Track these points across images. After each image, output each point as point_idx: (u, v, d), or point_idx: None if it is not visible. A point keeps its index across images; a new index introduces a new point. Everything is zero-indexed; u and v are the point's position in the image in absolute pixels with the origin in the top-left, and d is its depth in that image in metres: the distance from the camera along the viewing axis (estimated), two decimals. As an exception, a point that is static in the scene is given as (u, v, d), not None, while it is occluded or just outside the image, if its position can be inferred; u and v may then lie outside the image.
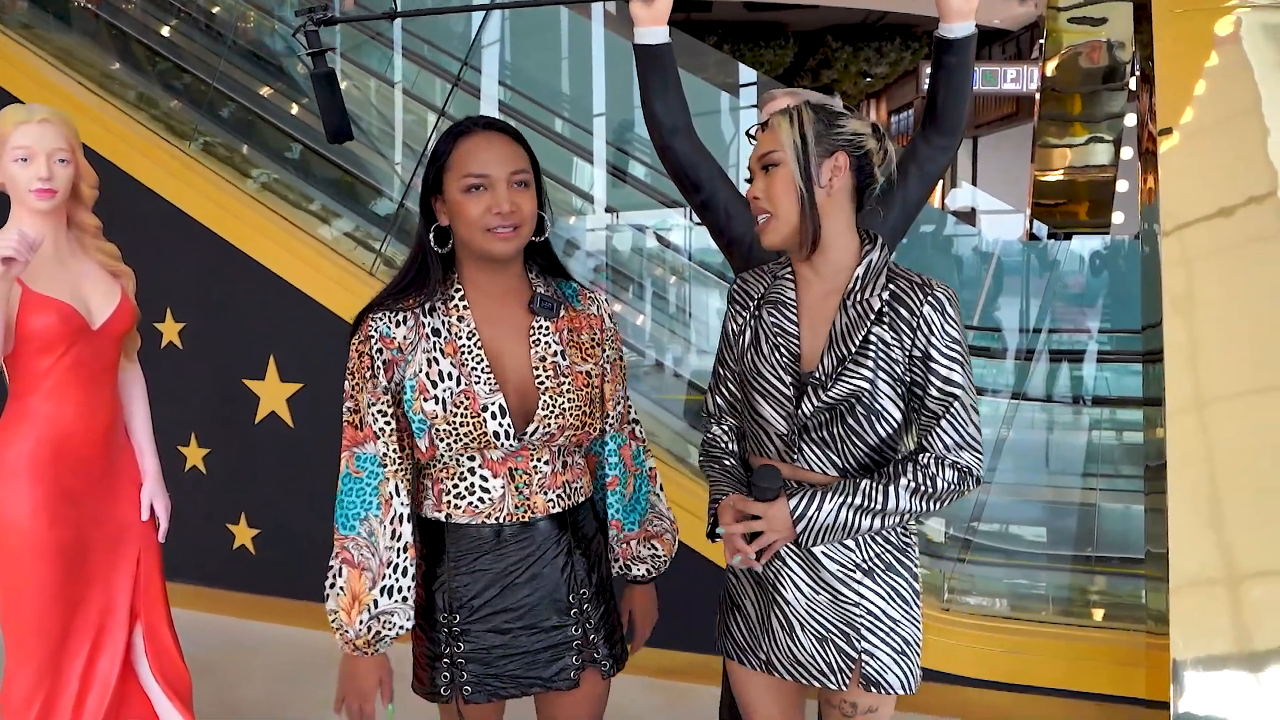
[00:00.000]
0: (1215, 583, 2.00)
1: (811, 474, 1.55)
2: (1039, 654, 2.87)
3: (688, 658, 2.89)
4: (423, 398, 1.51)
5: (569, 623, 1.60)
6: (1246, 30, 2.39)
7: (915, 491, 1.48)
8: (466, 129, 1.53)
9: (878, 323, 1.50)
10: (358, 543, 1.53)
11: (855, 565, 1.54)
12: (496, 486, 1.55)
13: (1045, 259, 5.00)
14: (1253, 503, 2.05)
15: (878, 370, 1.49)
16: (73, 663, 2.07)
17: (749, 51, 13.61)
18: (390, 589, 1.52)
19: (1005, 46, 14.95)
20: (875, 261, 1.53)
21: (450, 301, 1.56)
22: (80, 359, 2.03)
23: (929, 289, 1.50)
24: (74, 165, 2.05)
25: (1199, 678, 1.96)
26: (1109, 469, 4.23)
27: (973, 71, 2.01)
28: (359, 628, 1.51)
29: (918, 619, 1.58)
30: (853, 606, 1.54)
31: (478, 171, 1.50)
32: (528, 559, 1.57)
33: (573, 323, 1.62)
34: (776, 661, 1.60)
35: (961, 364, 1.49)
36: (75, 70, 4.08)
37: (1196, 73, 2.41)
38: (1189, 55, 2.41)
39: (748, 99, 5.18)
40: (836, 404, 1.50)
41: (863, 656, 1.54)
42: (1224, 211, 2.27)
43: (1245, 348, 2.17)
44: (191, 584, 3.49)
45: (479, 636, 1.57)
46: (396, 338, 1.53)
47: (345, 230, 4.01)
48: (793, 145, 1.51)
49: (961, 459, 1.49)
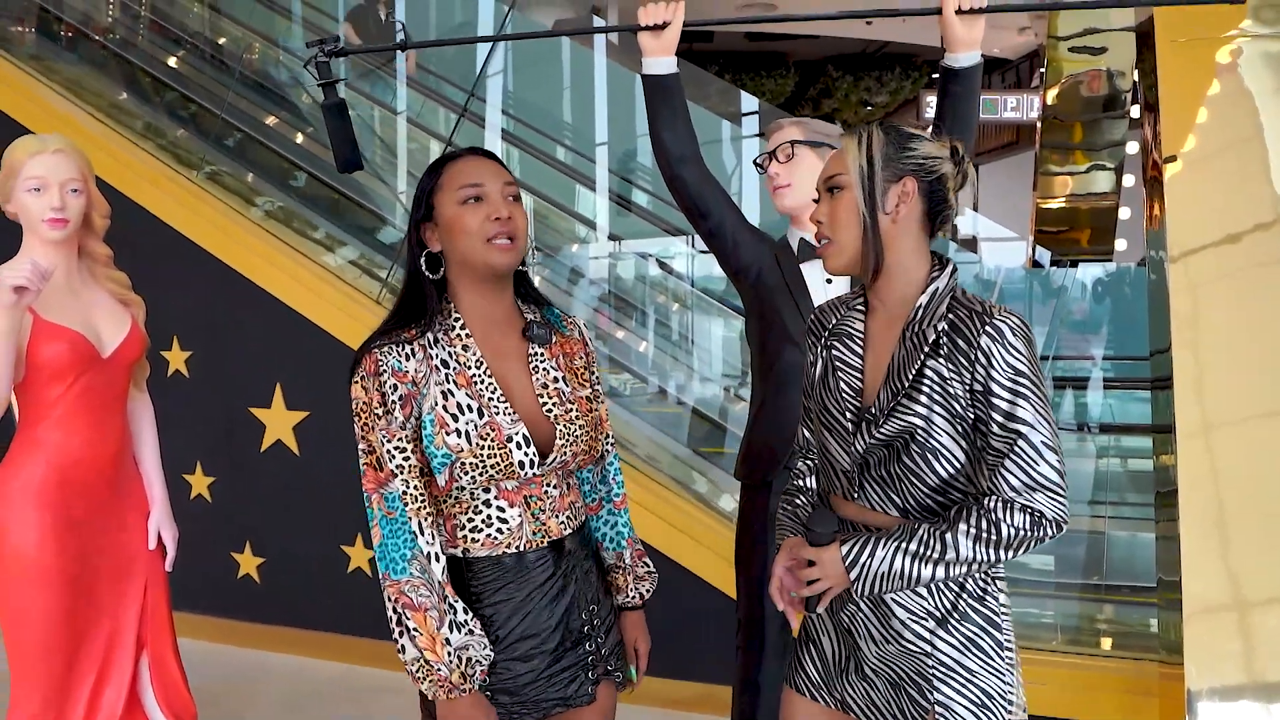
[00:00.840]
0: (1230, 610, 1.99)
1: (875, 514, 1.48)
2: (1049, 683, 2.84)
3: (698, 688, 2.87)
4: (444, 432, 1.48)
5: (584, 639, 1.61)
6: (1248, 59, 2.42)
7: (978, 539, 1.36)
8: (451, 155, 1.57)
9: (933, 355, 1.41)
10: (413, 584, 1.46)
11: (928, 614, 1.46)
12: (514, 515, 1.54)
13: (1048, 286, 5.01)
14: (1266, 528, 2.04)
15: (933, 406, 1.40)
16: (78, 692, 2.05)
17: (750, 81, 13.72)
18: (456, 624, 1.46)
19: (1005, 75, 15.05)
20: (940, 290, 1.45)
21: (451, 331, 1.54)
22: (90, 387, 2.03)
23: (989, 317, 1.38)
24: (86, 195, 2.06)
25: (1214, 708, 1.94)
26: (1115, 496, 4.21)
27: (979, 100, 2.02)
28: (449, 664, 1.44)
29: (1001, 671, 1.46)
30: (924, 657, 1.46)
31: (473, 181, 1.52)
32: (546, 584, 1.56)
33: (565, 349, 1.64)
34: (852, 703, 1.55)
35: (1029, 398, 1.36)
36: (84, 100, 4.11)
37: (1200, 101, 2.43)
38: (1192, 84, 2.43)
39: (750, 128, 5.22)
40: (891, 440, 1.43)
41: (936, 708, 1.45)
42: (1230, 237, 2.28)
43: (1254, 372, 2.17)
44: (196, 613, 3.47)
45: (507, 667, 1.54)
46: (409, 370, 1.49)
47: (350, 258, 4.03)
48: (858, 169, 1.44)
49: (1034, 502, 1.36)
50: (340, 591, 3.52)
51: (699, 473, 3.67)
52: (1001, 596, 1.49)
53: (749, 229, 2.15)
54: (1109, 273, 5.01)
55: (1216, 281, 2.27)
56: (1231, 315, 2.24)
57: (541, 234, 4.93)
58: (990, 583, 1.48)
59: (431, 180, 1.55)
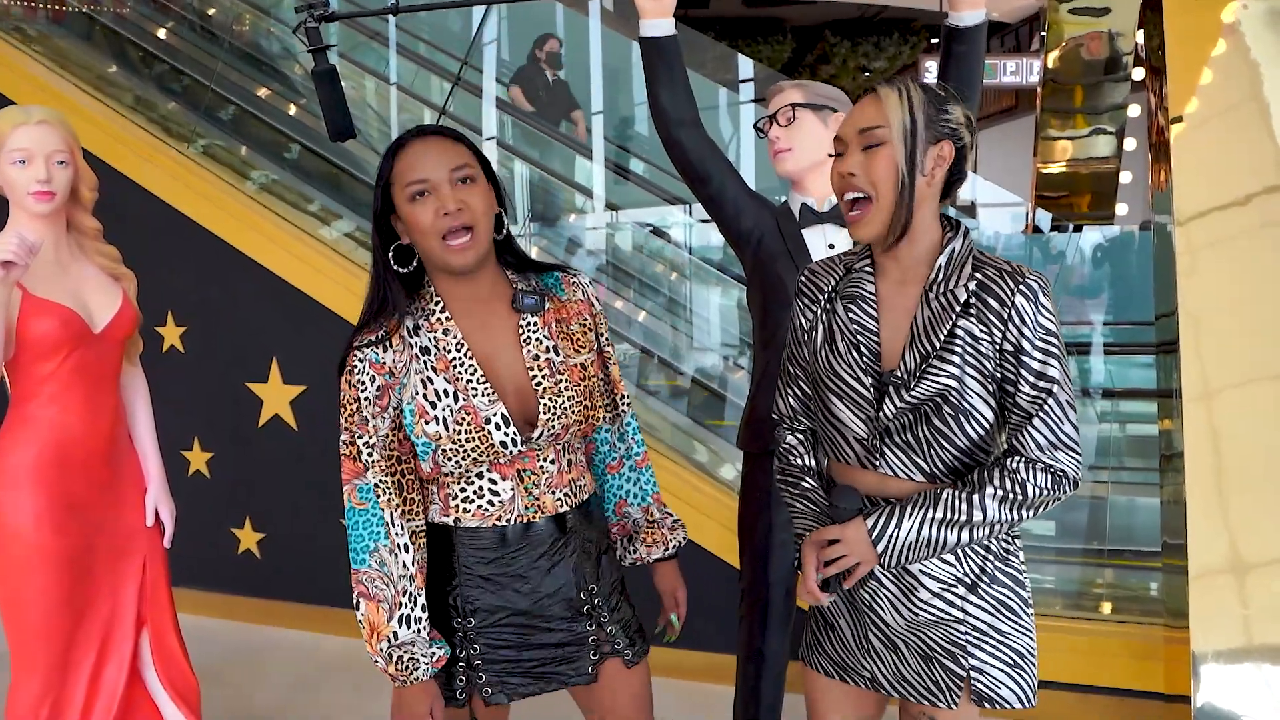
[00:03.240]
0: (1235, 573, 1.98)
1: (895, 480, 1.45)
2: (1051, 649, 2.83)
3: (702, 657, 2.87)
4: (423, 420, 1.48)
5: (582, 619, 1.59)
6: (1254, 18, 2.38)
7: (1004, 500, 1.36)
8: (402, 142, 1.51)
9: (964, 315, 1.38)
10: (370, 575, 1.52)
11: (957, 580, 1.44)
12: (506, 489, 1.53)
13: (1048, 251, 4.98)
14: (1271, 491, 2.03)
15: (964, 367, 1.37)
16: (79, 671, 2.05)
17: (747, 47, 13.58)
18: (406, 618, 1.49)
19: (1004, 39, 14.92)
20: (959, 250, 1.42)
21: (432, 316, 1.52)
22: (82, 364, 2.00)
23: (1021, 276, 1.37)
24: (73, 167, 2.03)
25: (1220, 670, 1.94)
26: (1116, 462, 4.21)
27: (983, 60, 1.98)
28: (385, 655, 1.49)
29: (1029, 629, 1.47)
30: (958, 624, 1.44)
31: (416, 177, 1.46)
32: (539, 558, 1.55)
33: (560, 314, 1.59)
34: (883, 678, 1.52)
35: (1058, 357, 1.37)
36: (71, 73, 4.05)
37: (1206, 62, 2.39)
38: (1199, 44, 2.39)
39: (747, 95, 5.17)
40: (921, 404, 1.39)
41: (971, 673, 1.44)
42: (1236, 200, 2.25)
43: (1260, 335, 2.15)
44: (197, 589, 3.47)
45: (495, 638, 1.56)
46: (386, 363, 1.50)
47: (345, 231, 3.99)
48: (902, 126, 1.38)
49: (1057, 460, 1.36)
50: (342, 566, 3.48)
51: (700, 442, 3.65)
52: (1021, 554, 1.49)
53: (750, 194, 2.12)
54: (1109, 238, 4.97)
55: (1222, 244, 2.24)
56: (1237, 278, 2.22)
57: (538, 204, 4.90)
58: (1012, 542, 1.48)
59: (386, 173, 1.50)
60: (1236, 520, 2.03)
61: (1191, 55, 2.39)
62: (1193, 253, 2.22)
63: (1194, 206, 2.25)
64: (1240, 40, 2.36)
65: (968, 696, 1.45)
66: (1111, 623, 3.00)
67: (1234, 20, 2.37)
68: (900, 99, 1.39)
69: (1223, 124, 2.34)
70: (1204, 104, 2.36)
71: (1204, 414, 2.10)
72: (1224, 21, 2.37)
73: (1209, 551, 2.01)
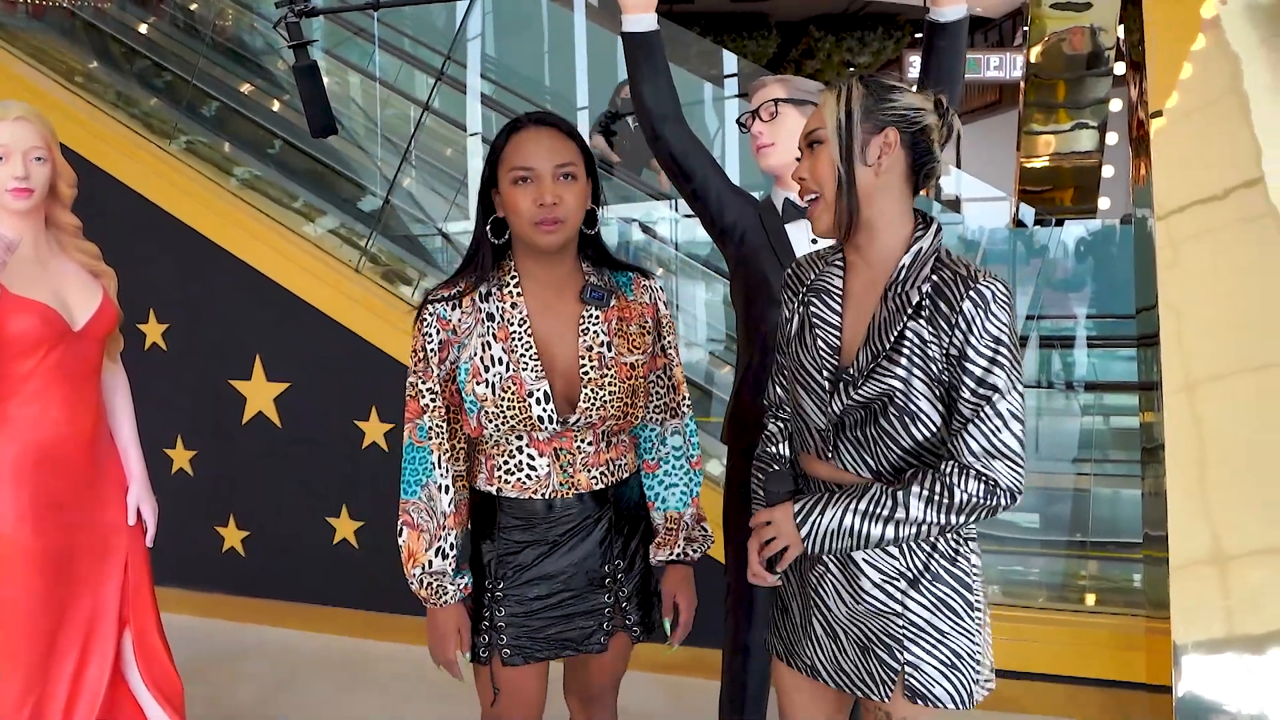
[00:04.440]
0: (1215, 564, 1.99)
1: (848, 475, 1.47)
2: (1035, 640, 2.87)
3: (688, 652, 2.85)
4: (475, 380, 1.59)
5: (603, 591, 1.68)
6: (1233, 13, 2.39)
7: (930, 501, 1.36)
8: (519, 124, 1.61)
9: (915, 318, 1.39)
10: (418, 506, 1.63)
11: (899, 574, 1.45)
12: (543, 465, 1.64)
13: (1031, 245, 5.01)
14: (1251, 483, 2.05)
15: (911, 369, 1.39)
16: (61, 670, 2.03)
17: (731, 42, 13.57)
18: (441, 550, 1.63)
19: (988, 34, 14.96)
20: (924, 249, 1.42)
21: (505, 288, 1.63)
22: (62, 361, 1.99)
23: (973, 282, 1.37)
24: (51, 164, 2.01)
25: (1200, 660, 1.96)
26: (1098, 454, 4.24)
27: (964, 55, 1.99)
28: (420, 579, 1.63)
29: (971, 631, 1.47)
30: (895, 618, 1.45)
31: (522, 165, 1.56)
32: (570, 531, 1.65)
33: (623, 313, 1.68)
34: (820, 667, 1.55)
35: (1004, 366, 1.35)
36: (51, 69, 4.02)
37: (1186, 56, 2.40)
38: (1179, 39, 2.41)
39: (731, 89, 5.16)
40: (870, 402, 1.41)
41: (905, 669, 1.46)
42: (1215, 193, 2.27)
43: (1239, 327, 2.17)
44: (181, 588, 3.45)
45: (519, 602, 1.66)
46: (452, 320, 1.62)
47: (330, 227, 3.98)
48: (835, 121, 1.41)
49: (992, 469, 1.36)
50: (326, 563, 3.51)
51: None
52: (973, 558, 1.49)
53: (733, 189, 2.12)
54: (1092, 231, 5.00)
55: (1202, 237, 2.26)
56: (1217, 271, 2.23)
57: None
58: (962, 543, 1.48)
59: (499, 149, 1.60)
60: (1217, 512, 2.04)
61: (1172, 50, 2.41)
62: (1173, 246, 2.24)
63: (1174, 200, 2.26)
64: (1220, 35, 2.38)
65: (900, 692, 1.46)
66: (1094, 614, 3.02)
67: (1213, 16, 2.39)
68: (837, 99, 1.43)
69: (1202, 118, 2.36)
70: (1184, 98, 2.37)
71: (1185, 406, 2.12)
72: (1203, 17, 2.38)
73: (1190, 543, 2.03)
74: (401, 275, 3.81)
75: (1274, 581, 1.98)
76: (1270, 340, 2.13)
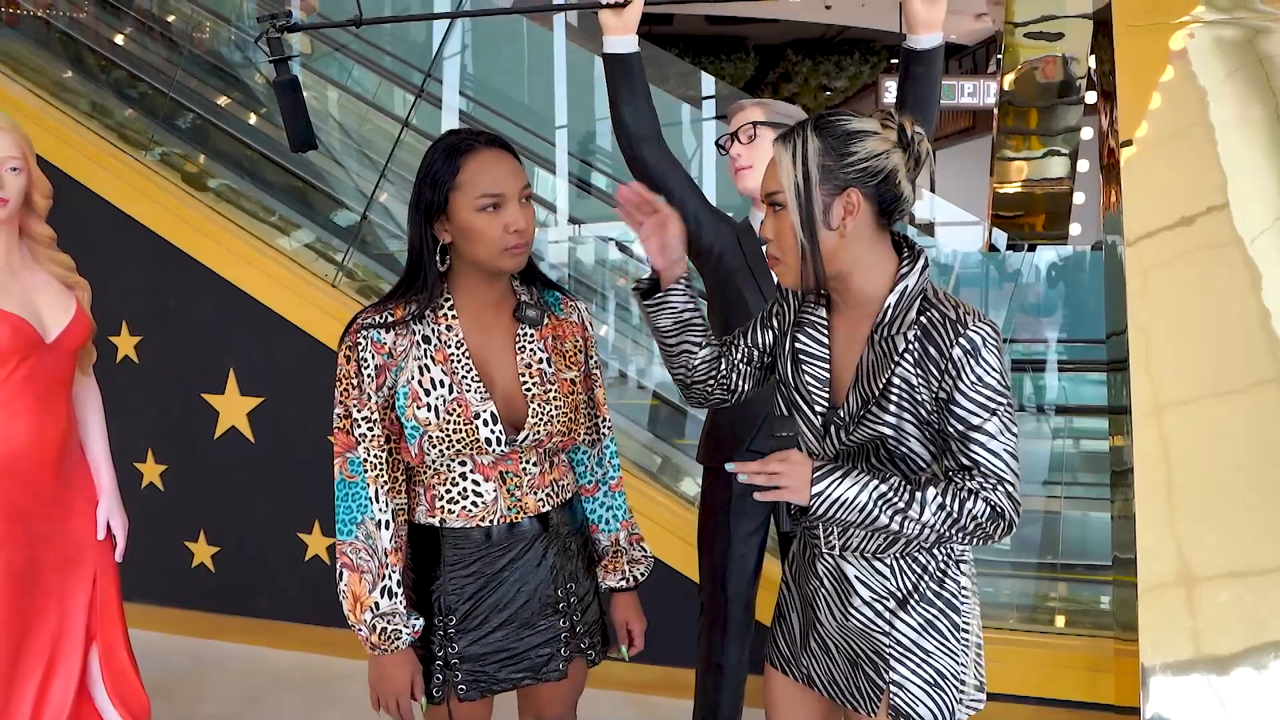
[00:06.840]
0: (1183, 586, 2.02)
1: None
2: (1005, 662, 2.88)
3: (660, 671, 2.87)
4: (415, 405, 1.53)
5: (557, 616, 1.64)
6: (1201, 44, 2.45)
7: (942, 506, 1.35)
8: (468, 146, 1.52)
9: (901, 363, 1.37)
10: (355, 546, 1.55)
11: (889, 594, 1.46)
12: (489, 490, 1.58)
13: (1004, 269, 5.06)
14: (1219, 506, 2.08)
15: (901, 415, 1.38)
16: (25, 687, 2.00)
17: (710, 65, 13.69)
18: (387, 590, 1.54)
19: (962, 61, 15.17)
20: (910, 288, 1.39)
21: (439, 310, 1.58)
22: (33, 373, 1.96)
23: (962, 328, 1.34)
24: (26, 174, 1.99)
25: (1169, 682, 1.97)
26: (1069, 477, 4.28)
27: (940, 82, 2.02)
28: (368, 625, 1.54)
29: (955, 652, 1.47)
30: (883, 636, 1.46)
31: (493, 191, 1.50)
32: (519, 558, 1.60)
33: (556, 331, 1.66)
34: (816, 677, 1.57)
35: (995, 412, 1.35)
36: (25, 78, 3.99)
37: (1155, 86, 2.45)
38: (1148, 69, 2.46)
39: (709, 111, 5.20)
40: (862, 444, 1.42)
41: (890, 687, 1.46)
42: (1183, 220, 2.31)
43: (1208, 353, 2.20)
44: (149, 604, 3.41)
45: (474, 636, 1.60)
46: (387, 343, 1.55)
47: (305, 242, 3.95)
48: (795, 188, 1.36)
49: (997, 496, 1.36)
50: (297, 580, 3.47)
51: (661, 456, 3.66)
52: (964, 580, 1.50)
53: (710, 210, 2.14)
54: (1063, 257, 5.07)
55: (1171, 264, 2.30)
56: (1185, 297, 2.27)
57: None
58: (951, 565, 1.49)
59: (449, 175, 1.51)
60: (1185, 534, 2.07)
61: (1141, 80, 2.46)
62: (1143, 272, 2.27)
63: (1144, 227, 2.30)
64: (1187, 67, 2.43)
65: (885, 709, 1.48)
66: (1064, 635, 3.04)
67: (1181, 48, 2.44)
68: (793, 158, 1.36)
69: (1171, 147, 2.40)
70: (1153, 128, 2.42)
71: (1154, 430, 2.15)
72: (1172, 49, 2.44)
73: (1158, 565, 2.05)
74: (378, 291, 3.80)
75: (1241, 603, 2.00)
76: (1237, 365, 2.17)
